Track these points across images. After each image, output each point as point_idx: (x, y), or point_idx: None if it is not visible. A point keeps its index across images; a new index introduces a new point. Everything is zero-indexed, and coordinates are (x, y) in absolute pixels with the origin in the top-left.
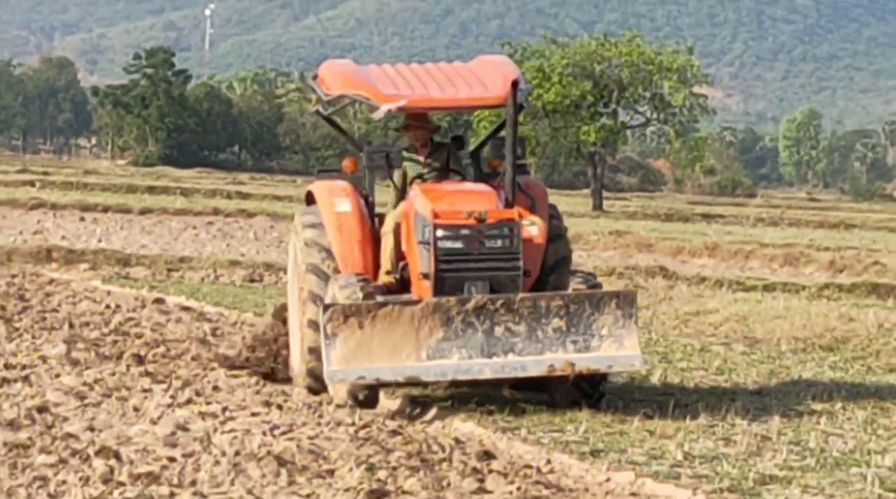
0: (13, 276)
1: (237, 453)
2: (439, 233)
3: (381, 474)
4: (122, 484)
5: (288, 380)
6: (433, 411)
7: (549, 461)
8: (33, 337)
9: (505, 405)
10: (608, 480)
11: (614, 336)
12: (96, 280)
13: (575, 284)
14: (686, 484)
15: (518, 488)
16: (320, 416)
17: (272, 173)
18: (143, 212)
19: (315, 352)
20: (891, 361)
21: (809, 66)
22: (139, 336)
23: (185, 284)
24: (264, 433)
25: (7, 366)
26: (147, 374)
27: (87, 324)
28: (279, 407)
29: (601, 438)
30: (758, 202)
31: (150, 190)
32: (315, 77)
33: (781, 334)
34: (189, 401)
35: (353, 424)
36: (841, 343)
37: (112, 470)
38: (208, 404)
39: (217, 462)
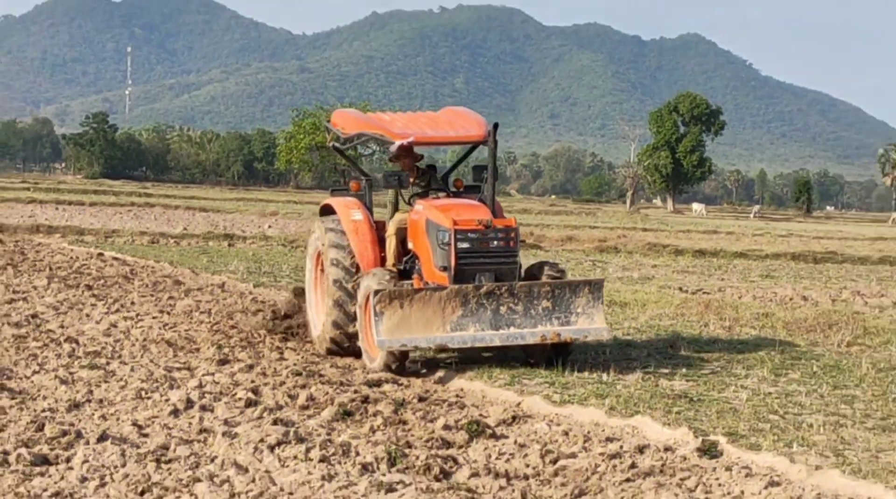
0: (16, 241)
1: (144, 339)
2: (458, 236)
3: (225, 350)
4: (79, 357)
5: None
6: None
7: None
8: (29, 275)
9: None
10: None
11: (587, 313)
12: (65, 243)
13: (547, 272)
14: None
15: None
16: (192, 317)
17: (163, 183)
18: (92, 204)
19: (338, 325)
20: None
21: None
22: (89, 274)
23: (115, 245)
24: (160, 328)
25: (14, 291)
26: (94, 295)
27: (60, 267)
28: (168, 313)
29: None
30: None
31: (95, 193)
32: (328, 121)
33: None
34: (117, 310)
35: (210, 322)
36: None
37: (74, 350)
38: (128, 312)
39: (133, 344)
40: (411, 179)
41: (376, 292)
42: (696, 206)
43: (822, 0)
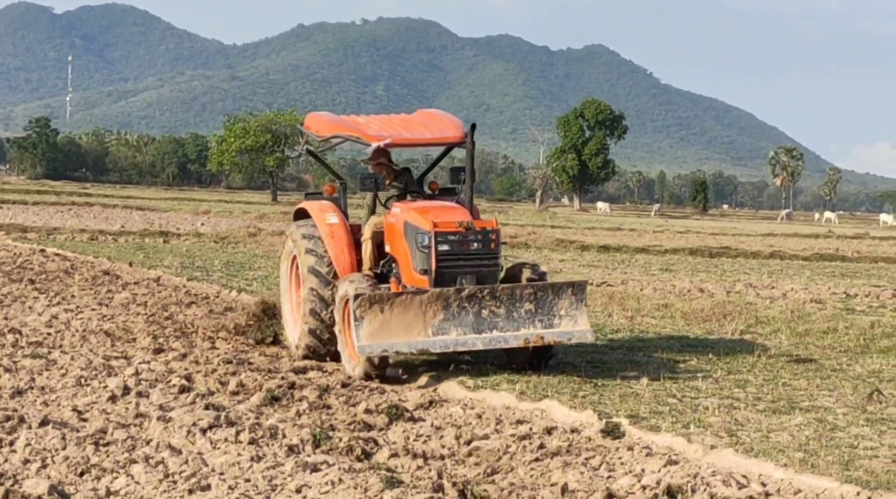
0: None
1: (84, 330)
2: (439, 239)
3: (160, 340)
4: (22, 347)
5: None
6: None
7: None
8: None
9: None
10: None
11: (570, 316)
12: (8, 239)
13: (526, 273)
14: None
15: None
16: (129, 309)
17: (102, 183)
18: (35, 203)
19: (314, 333)
20: None
21: None
22: (31, 269)
23: (56, 241)
24: (99, 319)
25: None
26: (36, 289)
27: (3, 262)
28: (106, 305)
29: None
30: None
31: (38, 193)
32: (301, 125)
33: None
34: (59, 303)
35: (146, 314)
36: None
37: (17, 340)
38: (68, 304)
39: (73, 335)
40: (387, 182)
41: (356, 297)
42: (600, 204)
43: (716, 14)
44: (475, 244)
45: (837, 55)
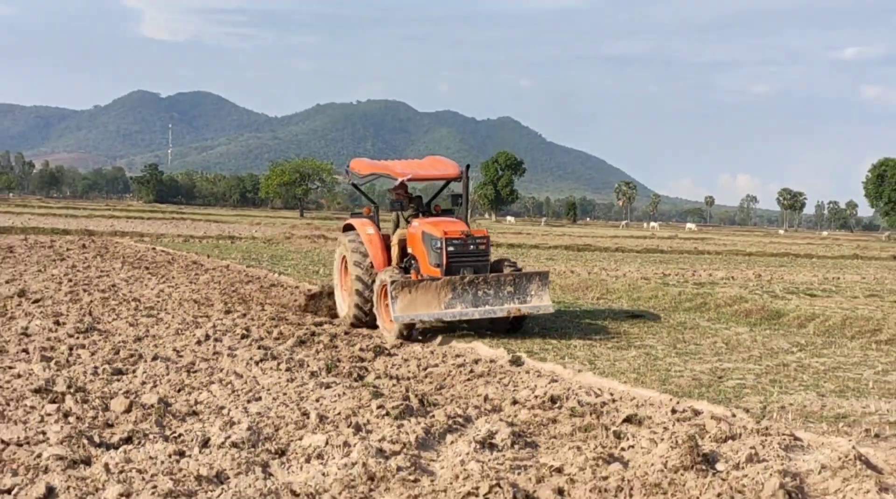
0: (103, 241)
1: (180, 299)
2: (448, 243)
3: (229, 305)
4: (140, 310)
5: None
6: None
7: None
8: (110, 262)
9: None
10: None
11: (538, 295)
12: (132, 242)
13: (507, 267)
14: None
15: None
16: (209, 286)
17: (191, 205)
18: (148, 218)
19: (359, 308)
20: None
21: None
22: (146, 260)
23: (162, 242)
24: (190, 292)
25: (100, 271)
26: (149, 273)
27: (128, 257)
28: (194, 283)
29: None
30: None
31: (150, 211)
32: (348, 167)
33: None
34: (163, 281)
35: (220, 288)
36: None
37: (137, 306)
38: (170, 283)
39: (173, 302)
40: (407, 205)
41: (392, 283)
42: (509, 218)
43: (582, 98)
44: (472, 246)
45: (656, 124)
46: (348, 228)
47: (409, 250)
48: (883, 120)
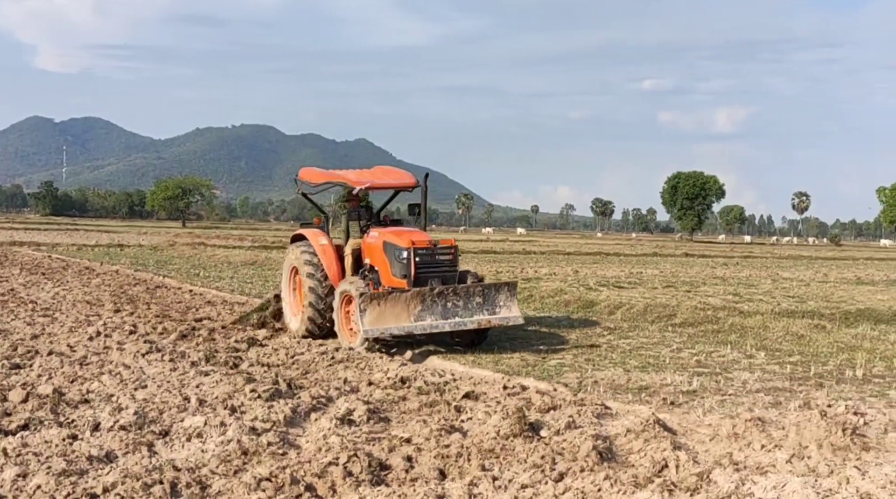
0: (2, 251)
1: (74, 300)
2: (416, 253)
3: (118, 305)
4: (37, 311)
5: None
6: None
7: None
8: (9, 268)
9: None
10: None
11: (506, 306)
12: (29, 250)
13: (470, 278)
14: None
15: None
16: (100, 288)
17: (84, 218)
18: (45, 229)
19: (312, 321)
20: None
21: None
22: (42, 266)
23: (57, 250)
24: (83, 294)
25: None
26: (45, 277)
27: (26, 264)
28: (87, 286)
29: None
30: None
31: (47, 223)
32: (296, 177)
33: None
34: (59, 285)
35: (110, 291)
36: None
37: (34, 307)
38: (65, 286)
39: (67, 303)
40: (358, 215)
41: (361, 295)
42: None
43: (442, 107)
44: (440, 257)
45: (489, 143)
46: (297, 238)
47: (367, 261)
48: (676, 140)
